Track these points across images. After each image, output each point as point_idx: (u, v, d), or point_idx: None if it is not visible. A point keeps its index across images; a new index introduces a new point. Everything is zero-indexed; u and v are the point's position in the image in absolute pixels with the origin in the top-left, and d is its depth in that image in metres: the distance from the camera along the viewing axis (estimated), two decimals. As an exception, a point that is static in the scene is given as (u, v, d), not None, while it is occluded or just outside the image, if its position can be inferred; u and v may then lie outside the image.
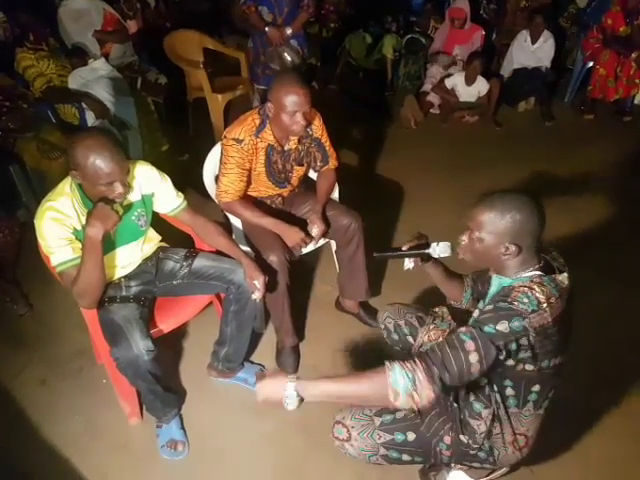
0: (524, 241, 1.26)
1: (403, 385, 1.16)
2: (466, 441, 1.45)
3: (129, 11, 4.20)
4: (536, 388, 1.35)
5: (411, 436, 1.47)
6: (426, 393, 1.17)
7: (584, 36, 4.60)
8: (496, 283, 1.38)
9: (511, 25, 4.90)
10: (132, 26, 4.20)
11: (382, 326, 1.83)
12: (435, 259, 1.61)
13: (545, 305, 1.20)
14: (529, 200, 1.26)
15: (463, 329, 1.23)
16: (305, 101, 1.96)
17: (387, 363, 1.20)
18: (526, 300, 1.20)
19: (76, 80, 3.30)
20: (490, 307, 1.24)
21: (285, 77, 2.05)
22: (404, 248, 1.60)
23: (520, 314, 1.19)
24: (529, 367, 1.28)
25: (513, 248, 1.25)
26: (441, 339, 1.65)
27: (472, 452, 1.46)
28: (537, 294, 1.21)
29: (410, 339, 1.75)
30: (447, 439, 1.47)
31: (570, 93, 4.77)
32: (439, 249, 1.53)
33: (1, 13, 4.18)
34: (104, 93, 3.28)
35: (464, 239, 1.36)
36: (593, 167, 3.69)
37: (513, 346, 1.21)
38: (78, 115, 3.27)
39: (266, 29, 3.24)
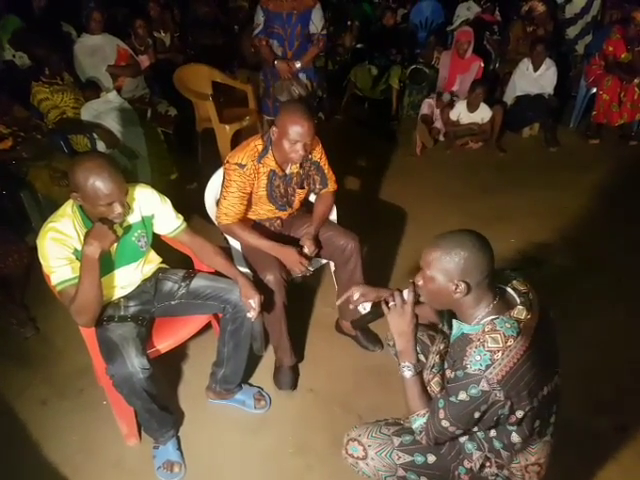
0: (473, 277, 1.26)
1: (415, 426, 1.41)
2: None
3: (140, 46, 4.38)
4: (537, 423, 1.33)
5: (431, 458, 1.45)
6: (425, 440, 1.39)
7: (587, 63, 4.68)
8: (457, 327, 1.37)
9: (514, 54, 4.98)
10: (144, 61, 4.37)
11: (391, 343, 1.75)
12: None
13: (500, 354, 1.21)
14: (472, 237, 1.28)
15: (442, 392, 1.36)
16: (307, 133, 2.02)
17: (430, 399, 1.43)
18: (478, 357, 1.22)
19: (89, 112, 3.43)
20: (451, 375, 1.31)
21: (294, 107, 2.10)
22: (365, 312, 1.66)
23: (474, 378, 1.22)
24: (519, 414, 1.27)
25: (462, 285, 1.26)
26: None
27: (491, 478, 1.44)
28: (489, 345, 1.22)
29: (422, 357, 1.70)
30: (467, 463, 1.44)
31: (575, 119, 4.79)
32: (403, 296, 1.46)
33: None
34: (114, 124, 3.41)
35: (420, 280, 1.37)
36: (598, 191, 3.70)
37: (483, 408, 1.24)
38: (90, 145, 3.38)
39: (275, 62, 3.30)
